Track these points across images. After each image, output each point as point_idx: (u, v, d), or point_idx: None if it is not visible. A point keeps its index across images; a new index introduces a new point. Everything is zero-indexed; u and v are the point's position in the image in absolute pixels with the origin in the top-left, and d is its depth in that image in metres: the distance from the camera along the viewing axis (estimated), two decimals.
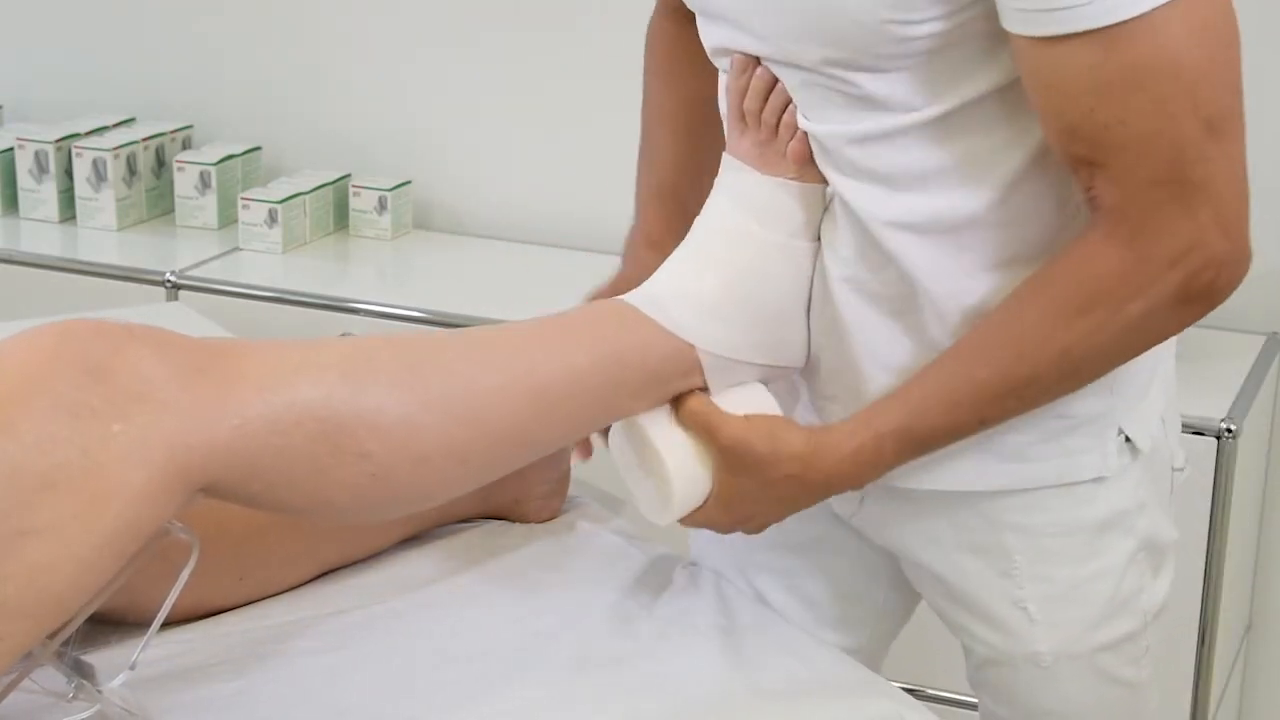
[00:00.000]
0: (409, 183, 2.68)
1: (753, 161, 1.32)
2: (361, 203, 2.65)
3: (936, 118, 1.23)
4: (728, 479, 1.31)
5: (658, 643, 1.41)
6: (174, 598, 1.23)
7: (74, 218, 2.68)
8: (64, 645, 1.25)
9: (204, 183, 2.65)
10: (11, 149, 2.70)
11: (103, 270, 2.51)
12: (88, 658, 1.30)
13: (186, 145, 2.78)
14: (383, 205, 2.63)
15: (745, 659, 1.38)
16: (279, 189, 2.61)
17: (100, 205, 2.65)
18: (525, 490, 1.60)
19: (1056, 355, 1.23)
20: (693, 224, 1.37)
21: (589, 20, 2.58)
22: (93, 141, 2.66)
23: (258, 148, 2.75)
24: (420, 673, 1.35)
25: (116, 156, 2.64)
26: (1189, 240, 1.17)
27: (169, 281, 2.46)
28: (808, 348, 1.36)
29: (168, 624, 1.31)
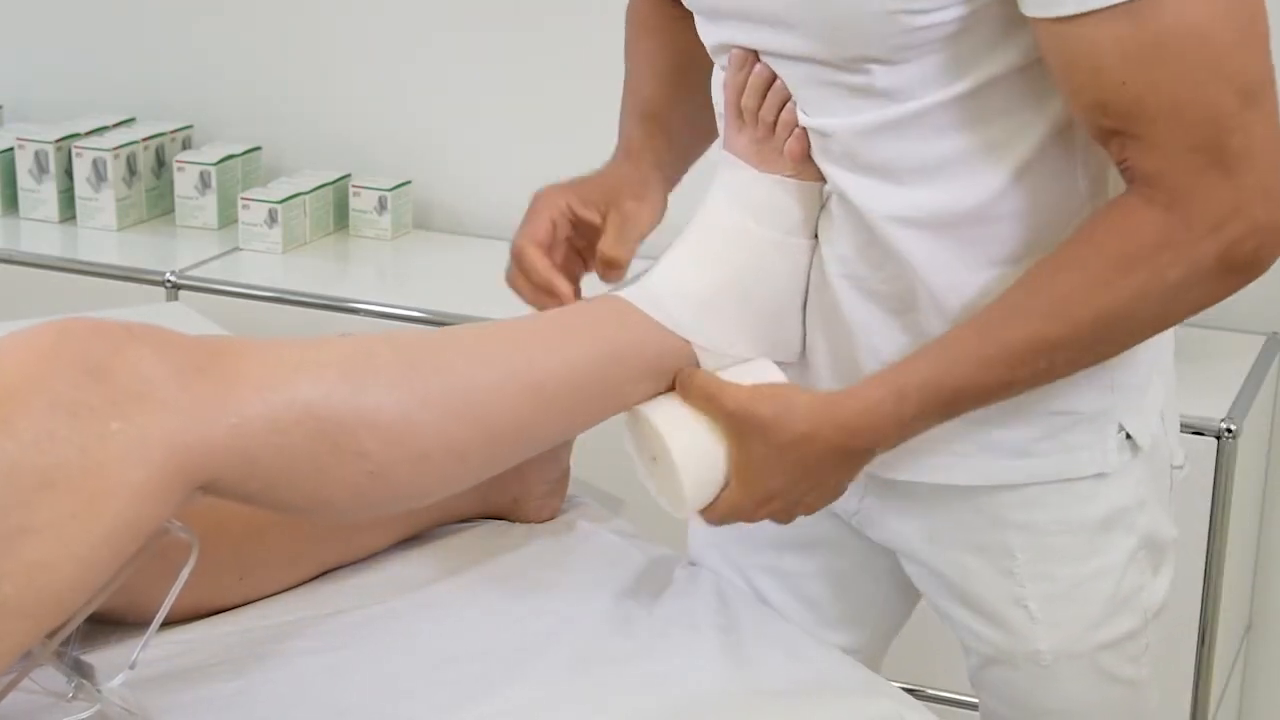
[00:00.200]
0: (409, 183, 2.68)
1: (750, 159, 1.32)
2: (361, 203, 2.64)
3: (942, 108, 1.23)
4: (739, 452, 1.28)
5: (658, 642, 1.41)
6: (174, 597, 1.24)
7: (74, 218, 2.68)
8: (64, 645, 1.24)
9: (204, 183, 2.65)
10: (11, 149, 2.70)
11: (103, 270, 2.51)
12: (87, 657, 1.30)
13: (186, 145, 2.78)
14: (383, 205, 2.63)
15: (745, 659, 1.38)
16: (279, 189, 2.61)
17: (100, 205, 2.65)
18: (525, 490, 1.60)
19: (1094, 317, 1.20)
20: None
21: (589, 20, 2.58)
22: (93, 141, 2.66)
23: (258, 148, 2.74)
24: (420, 673, 1.35)
25: (116, 156, 2.64)
26: (1230, 206, 1.16)
27: (169, 281, 2.45)
28: (803, 344, 1.36)
29: (167, 624, 1.31)
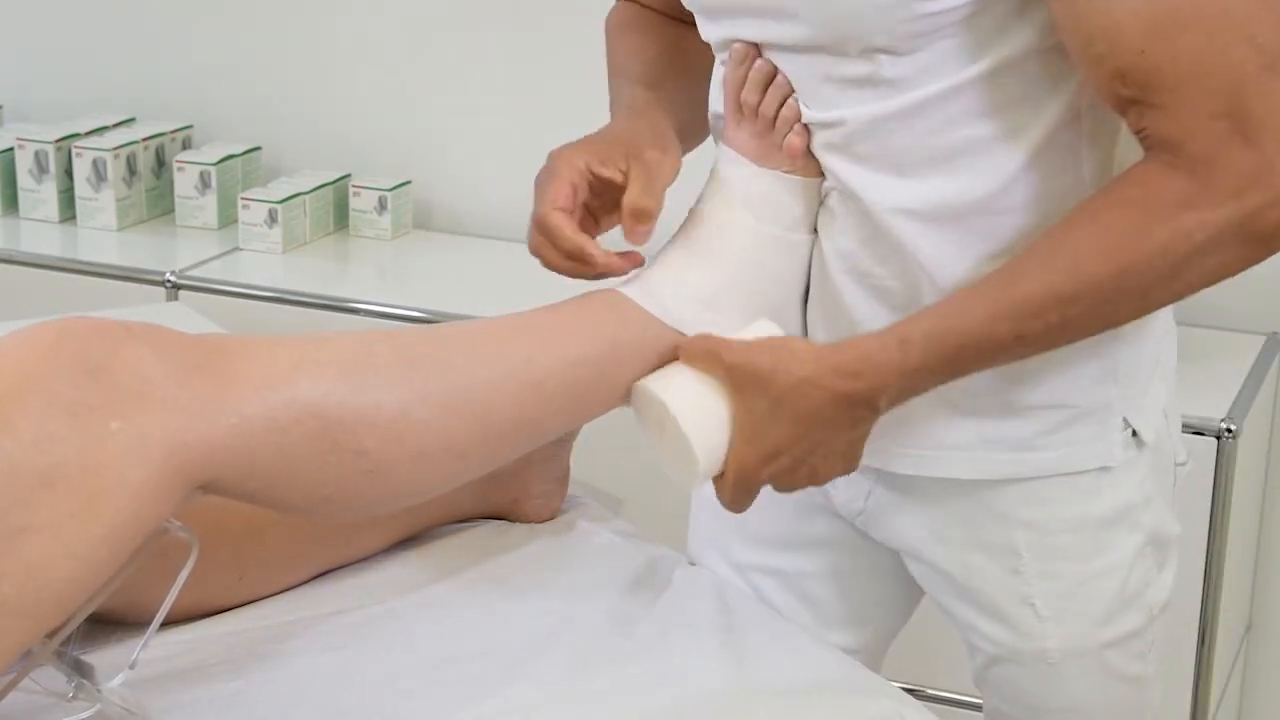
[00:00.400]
0: (409, 183, 2.68)
1: (750, 154, 1.32)
2: (361, 203, 2.64)
3: (949, 98, 1.22)
4: (742, 408, 1.26)
5: (658, 642, 1.41)
6: (173, 597, 1.24)
7: (74, 218, 2.68)
8: (64, 645, 1.24)
9: (204, 183, 2.65)
10: (11, 149, 2.70)
11: (103, 270, 2.51)
12: (87, 657, 1.30)
13: (186, 145, 2.78)
14: (383, 205, 2.63)
15: (745, 659, 1.38)
16: (279, 189, 2.61)
17: (100, 205, 2.65)
18: (525, 490, 1.60)
19: (1110, 274, 1.18)
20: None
21: (589, 20, 2.55)
22: (93, 141, 2.66)
23: (258, 148, 2.74)
24: (420, 673, 1.35)
25: (116, 156, 2.64)
26: (1253, 172, 1.14)
27: (169, 281, 2.45)
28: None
29: (167, 624, 1.31)
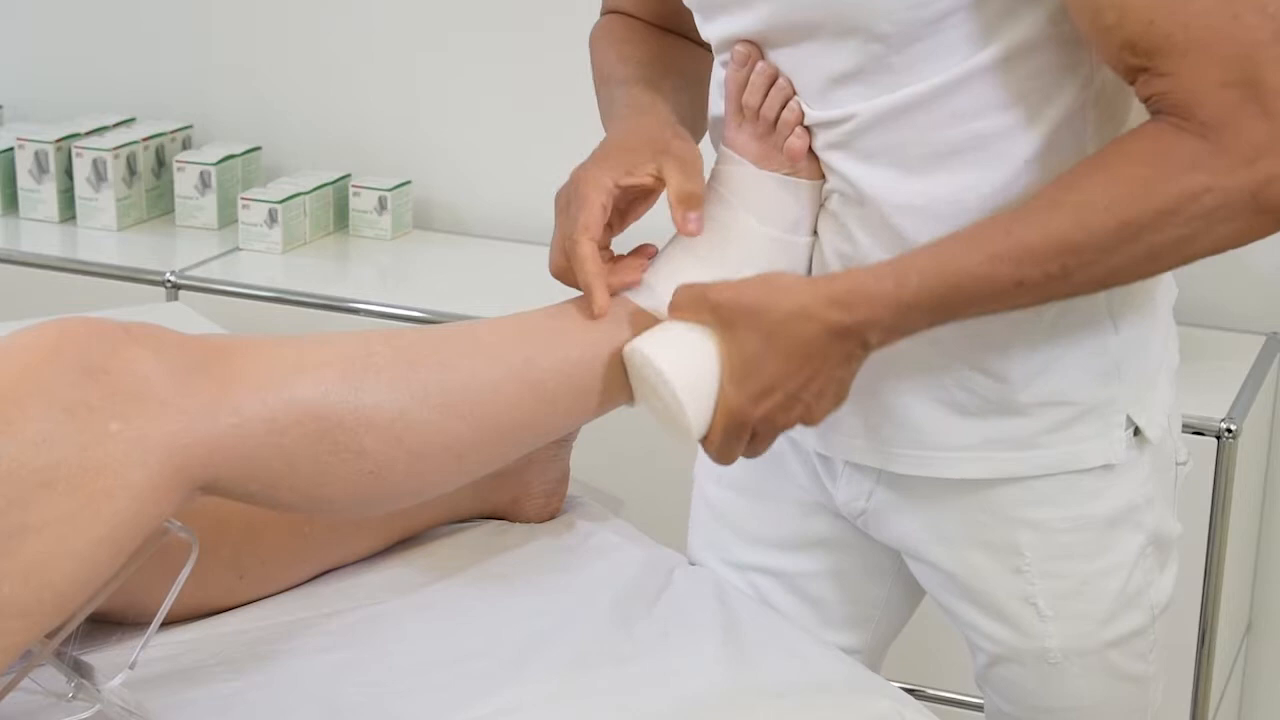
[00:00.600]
0: (409, 183, 2.68)
1: (750, 156, 1.32)
2: (361, 203, 2.64)
3: (952, 92, 1.22)
4: (731, 350, 1.24)
5: (658, 642, 1.41)
6: (174, 597, 1.24)
7: (74, 218, 2.68)
8: (64, 645, 1.25)
9: (204, 183, 2.65)
10: (11, 149, 2.70)
11: (103, 270, 2.51)
12: (87, 658, 1.31)
13: (186, 145, 2.78)
14: (383, 205, 2.63)
15: (745, 659, 1.38)
16: (279, 189, 2.61)
17: (100, 205, 2.65)
18: (525, 490, 1.60)
19: (1116, 226, 1.16)
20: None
21: (589, 21, 2.57)
22: (93, 141, 2.66)
23: (258, 148, 2.74)
24: (419, 673, 1.35)
25: (116, 156, 2.64)
26: (1266, 141, 1.12)
27: (169, 281, 2.45)
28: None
29: (167, 624, 1.31)
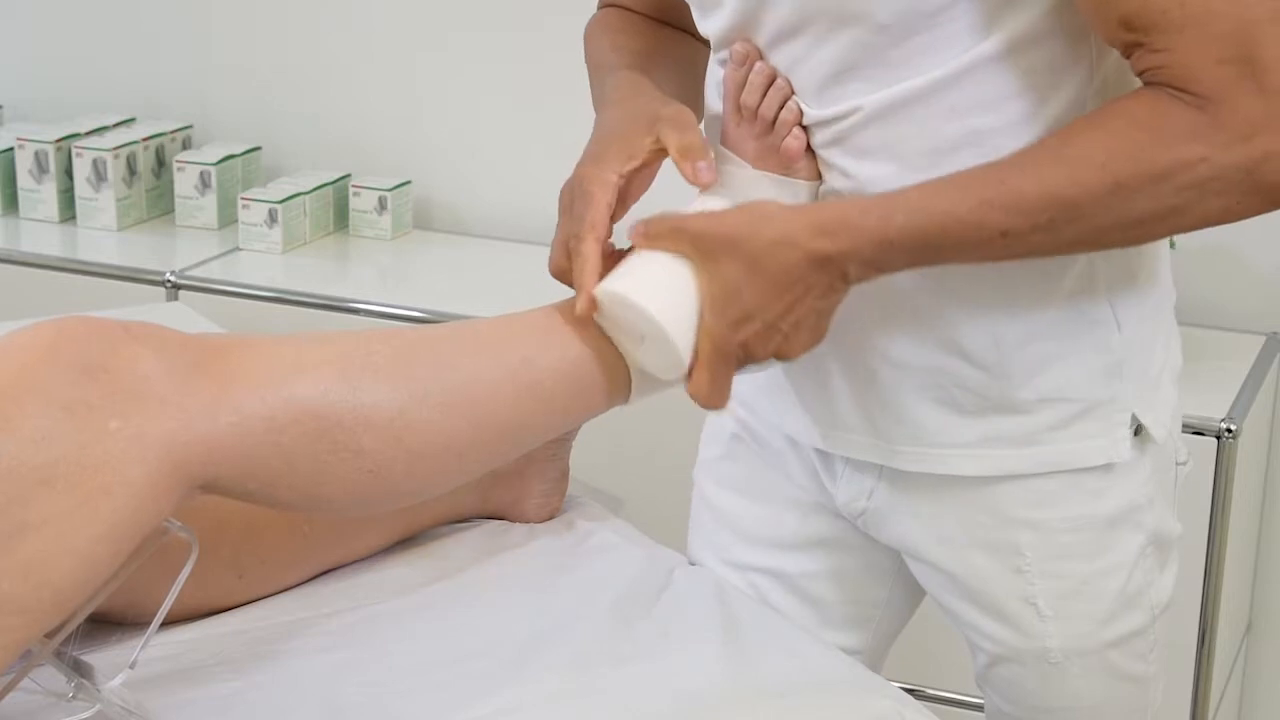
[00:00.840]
0: (409, 183, 2.68)
1: (748, 156, 1.32)
2: (361, 203, 2.64)
3: (952, 85, 1.22)
4: (711, 279, 1.22)
5: (658, 642, 1.41)
6: (174, 596, 1.24)
7: (74, 218, 2.68)
8: (64, 645, 1.25)
9: (204, 183, 2.65)
10: (11, 149, 2.70)
11: (103, 270, 2.51)
12: (88, 658, 1.31)
13: (186, 145, 2.78)
14: (383, 205, 2.63)
15: (745, 659, 1.38)
16: (279, 189, 2.61)
17: (100, 205, 2.65)
18: (525, 490, 1.60)
19: (1109, 186, 1.14)
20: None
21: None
22: (93, 141, 2.66)
23: (258, 148, 2.74)
24: (419, 673, 1.35)
25: (116, 156, 2.64)
26: (1262, 117, 1.11)
27: (169, 281, 2.45)
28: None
29: (167, 624, 1.31)
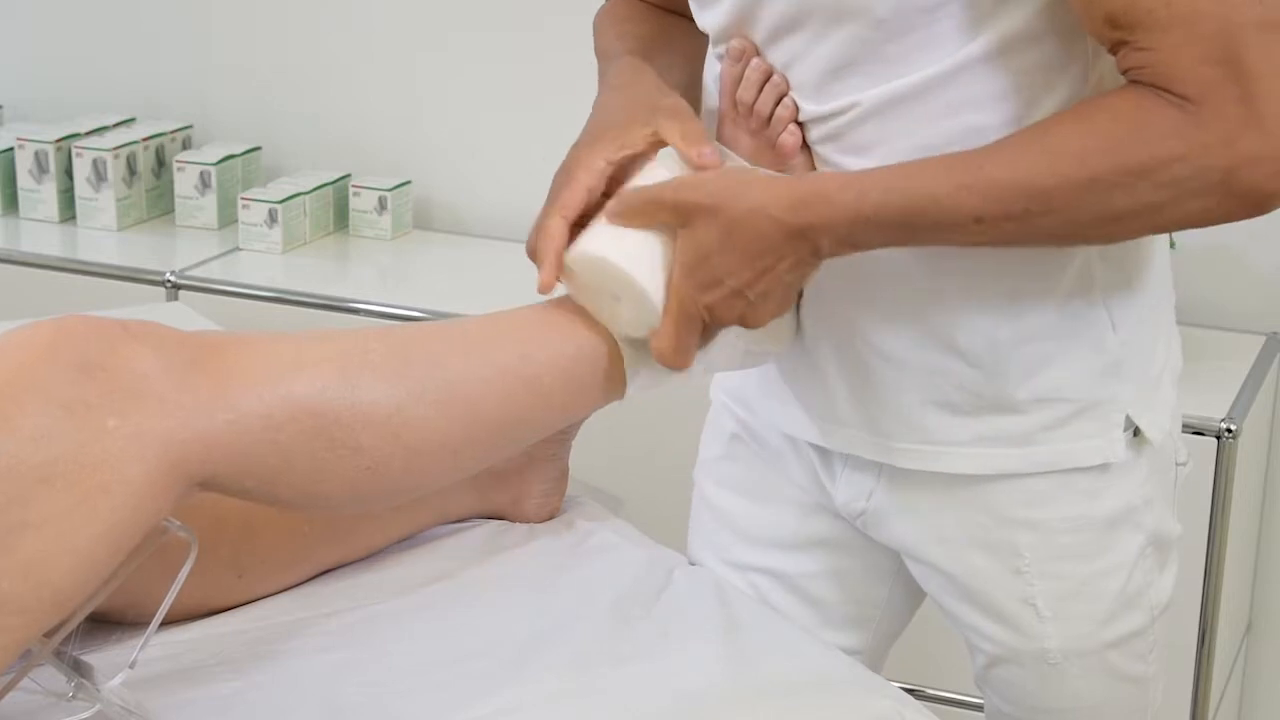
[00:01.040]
0: (409, 183, 2.68)
1: (743, 152, 1.31)
2: (361, 203, 2.64)
3: (947, 82, 1.22)
4: (688, 240, 1.23)
5: (657, 642, 1.40)
6: (173, 596, 1.24)
7: (74, 218, 2.68)
8: (63, 645, 1.25)
9: (204, 183, 2.65)
10: (11, 149, 2.70)
11: (103, 270, 2.51)
12: (87, 657, 1.31)
13: (186, 145, 2.78)
14: (383, 205, 2.63)
15: (745, 659, 1.38)
16: (279, 189, 2.61)
17: (100, 205, 2.65)
18: (524, 489, 1.60)
19: (1086, 179, 1.15)
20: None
21: (589, 21, 2.57)
22: (93, 141, 2.66)
23: (258, 148, 2.74)
24: (419, 673, 1.35)
25: (116, 156, 2.64)
26: (1243, 122, 1.11)
27: (169, 281, 2.45)
28: (795, 332, 1.36)
29: (167, 623, 1.31)
